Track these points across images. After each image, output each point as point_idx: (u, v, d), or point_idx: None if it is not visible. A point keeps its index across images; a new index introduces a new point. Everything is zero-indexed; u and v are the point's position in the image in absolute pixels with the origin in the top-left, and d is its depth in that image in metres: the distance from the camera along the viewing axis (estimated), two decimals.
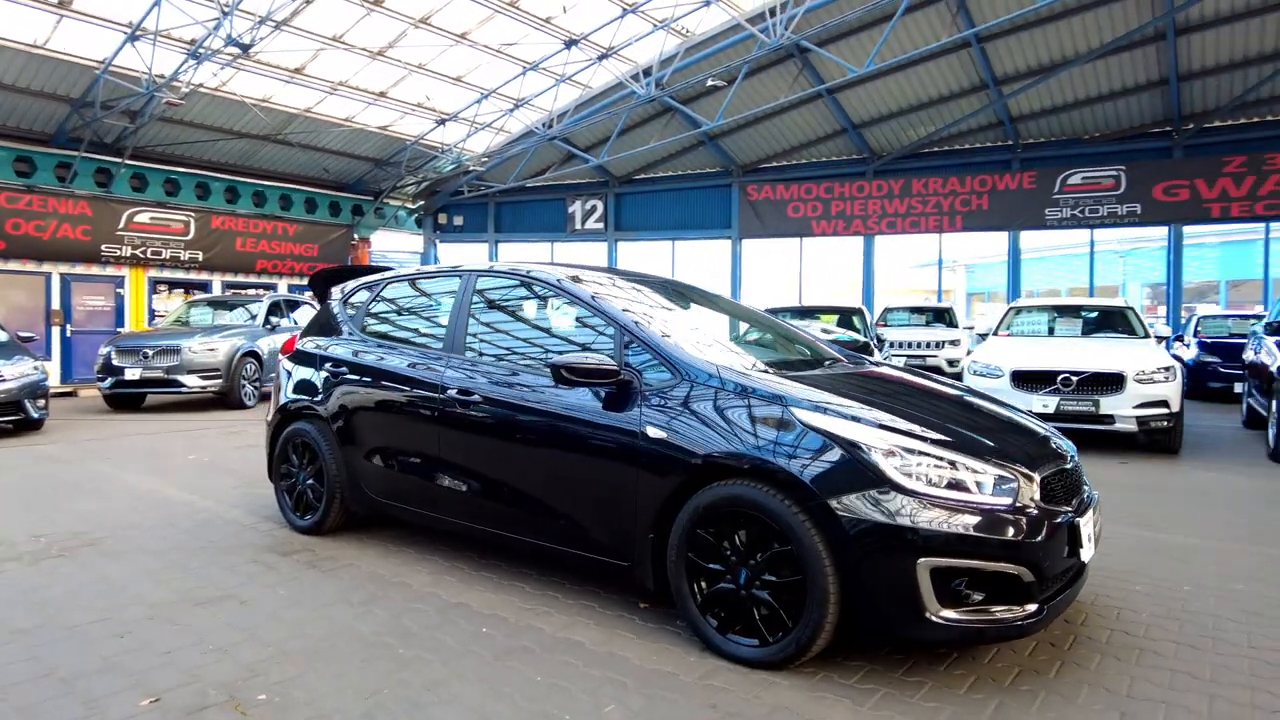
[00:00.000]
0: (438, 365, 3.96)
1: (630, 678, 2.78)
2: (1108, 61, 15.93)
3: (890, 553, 2.63)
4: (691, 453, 2.98)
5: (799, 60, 16.75)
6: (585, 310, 3.64)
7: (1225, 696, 2.69)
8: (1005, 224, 19.37)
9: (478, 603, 3.50)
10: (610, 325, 3.47)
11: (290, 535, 4.60)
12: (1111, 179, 18.23)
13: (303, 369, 4.71)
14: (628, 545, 3.20)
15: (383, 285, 4.68)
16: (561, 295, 3.77)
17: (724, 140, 20.16)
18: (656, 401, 3.15)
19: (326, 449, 4.43)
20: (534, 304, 4.03)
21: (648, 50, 16.33)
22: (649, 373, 3.24)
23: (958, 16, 14.95)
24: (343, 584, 3.75)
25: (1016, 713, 2.57)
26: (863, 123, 19.06)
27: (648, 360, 3.28)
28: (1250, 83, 15.90)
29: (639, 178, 21.98)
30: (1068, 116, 17.96)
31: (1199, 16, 14.53)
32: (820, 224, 20.67)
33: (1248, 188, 17.16)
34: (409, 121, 18.68)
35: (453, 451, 3.81)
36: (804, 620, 2.73)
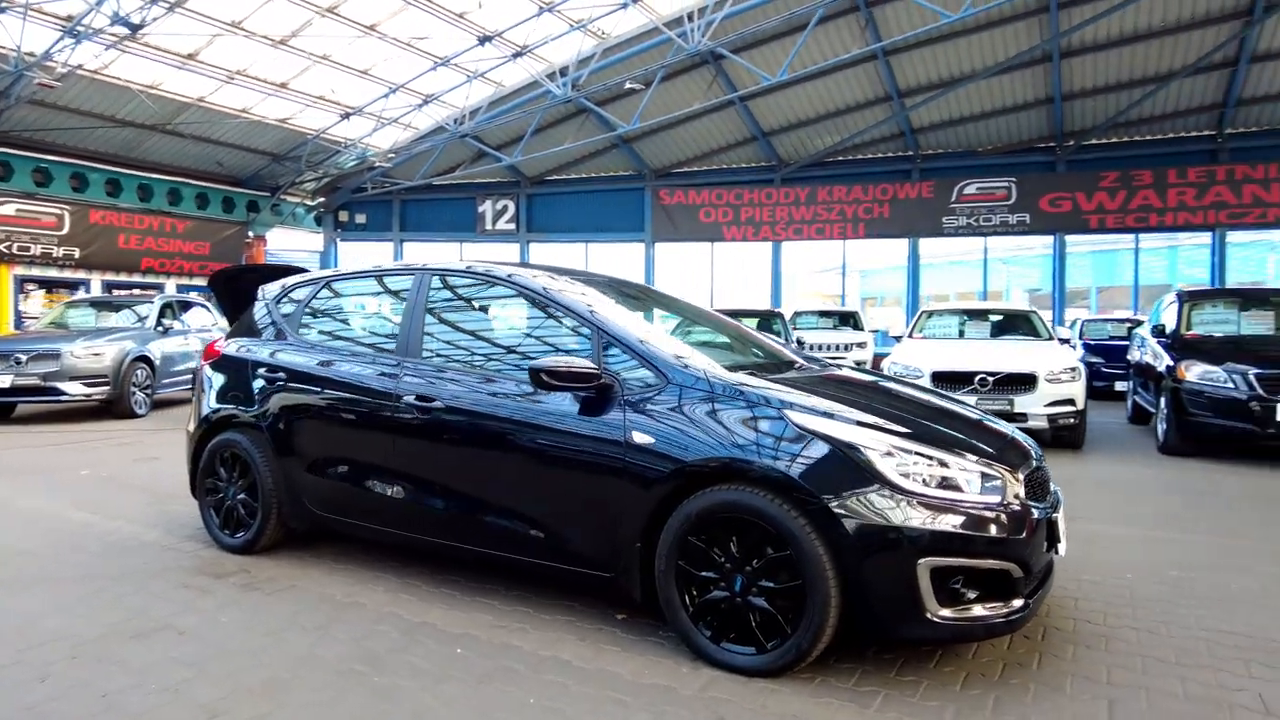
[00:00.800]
0: (391, 370, 3.72)
1: (628, 694, 2.67)
2: (1001, 79, 16.89)
3: (891, 554, 2.64)
4: (683, 458, 2.90)
5: (713, 67, 16.98)
6: (556, 311, 3.50)
7: (1194, 679, 2.82)
8: (906, 231, 20.25)
9: (444, 621, 3.31)
10: (585, 327, 3.34)
11: (219, 555, 4.24)
12: (1004, 190, 19.35)
13: (231, 375, 4.35)
14: (611, 555, 3.09)
15: (322, 284, 4.38)
16: (527, 295, 3.61)
17: (638, 144, 20.23)
18: (641, 406, 3.05)
19: (261, 461, 4.10)
20: (497, 305, 3.86)
21: (563, 50, 16.21)
22: (630, 376, 3.14)
23: (866, 30, 15.51)
24: (291, 607, 3.47)
25: (1013, 705, 2.62)
26: (772, 131, 19.52)
27: (628, 363, 3.18)
28: (1123, 105, 17.22)
29: (552, 179, 21.78)
30: (964, 129, 18.95)
31: (1081, 42, 15.61)
32: (731, 229, 21.04)
33: (1120, 201, 18.57)
34: (311, 114, 17.85)
35: (410, 463, 3.59)
36: (804, 626, 2.69)
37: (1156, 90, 16.58)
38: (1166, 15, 14.82)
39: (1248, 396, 7.26)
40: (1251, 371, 7.31)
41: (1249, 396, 7.26)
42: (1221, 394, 7.43)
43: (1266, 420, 7.14)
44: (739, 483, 2.83)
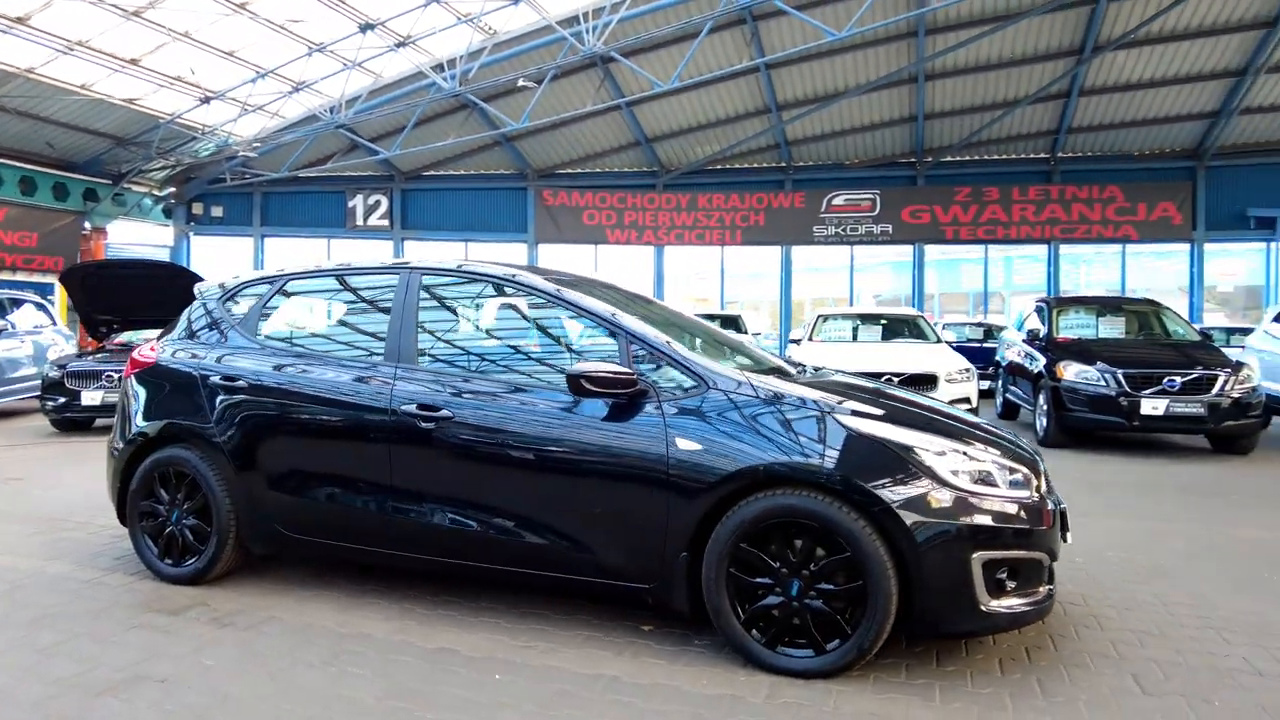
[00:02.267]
0: (384, 378, 3.43)
1: (700, 707, 2.60)
2: (871, 97, 17.94)
3: (949, 550, 2.72)
4: (735, 464, 2.86)
5: (601, 70, 16.97)
6: (572, 314, 3.36)
7: (1185, 649, 3.11)
8: (779, 239, 21.10)
9: (464, 646, 3.09)
10: (608, 331, 3.23)
11: (161, 588, 3.75)
12: (869, 201, 20.56)
13: (171, 385, 3.87)
14: (651, 566, 2.99)
15: (281, 283, 3.97)
16: (538, 298, 3.44)
17: (521, 142, 19.88)
18: (680, 411, 2.98)
19: (216, 480, 3.67)
20: (502, 308, 3.65)
21: (448, 44, 15.65)
22: (663, 381, 3.07)
23: (751, 44, 16.03)
24: (284, 642, 3.12)
25: (1057, 686, 2.78)
26: (656, 137, 19.76)
27: (659, 368, 3.10)
28: (975, 127, 18.75)
29: (429, 174, 20.98)
30: (834, 143, 19.99)
31: (943, 67, 16.85)
32: (615, 232, 21.11)
33: (972, 215, 20.22)
34: (165, 96, 16.25)
35: (412, 477, 3.33)
36: (866, 625, 2.73)
37: (1003, 115, 18.17)
38: (1015, 48, 16.29)
39: (1117, 393, 8.10)
40: (1120, 371, 8.16)
41: (1118, 393, 8.10)
42: (1095, 391, 8.25)
43: (1133, 414, 8.00)
44: (794, 487, 2.82)
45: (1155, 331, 9.79)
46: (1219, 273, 19.95)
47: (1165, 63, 16.46)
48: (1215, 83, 16.92)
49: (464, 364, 3.49)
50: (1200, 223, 19.07)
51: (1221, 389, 7.89)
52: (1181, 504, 5.81)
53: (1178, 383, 7.97)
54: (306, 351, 3.73)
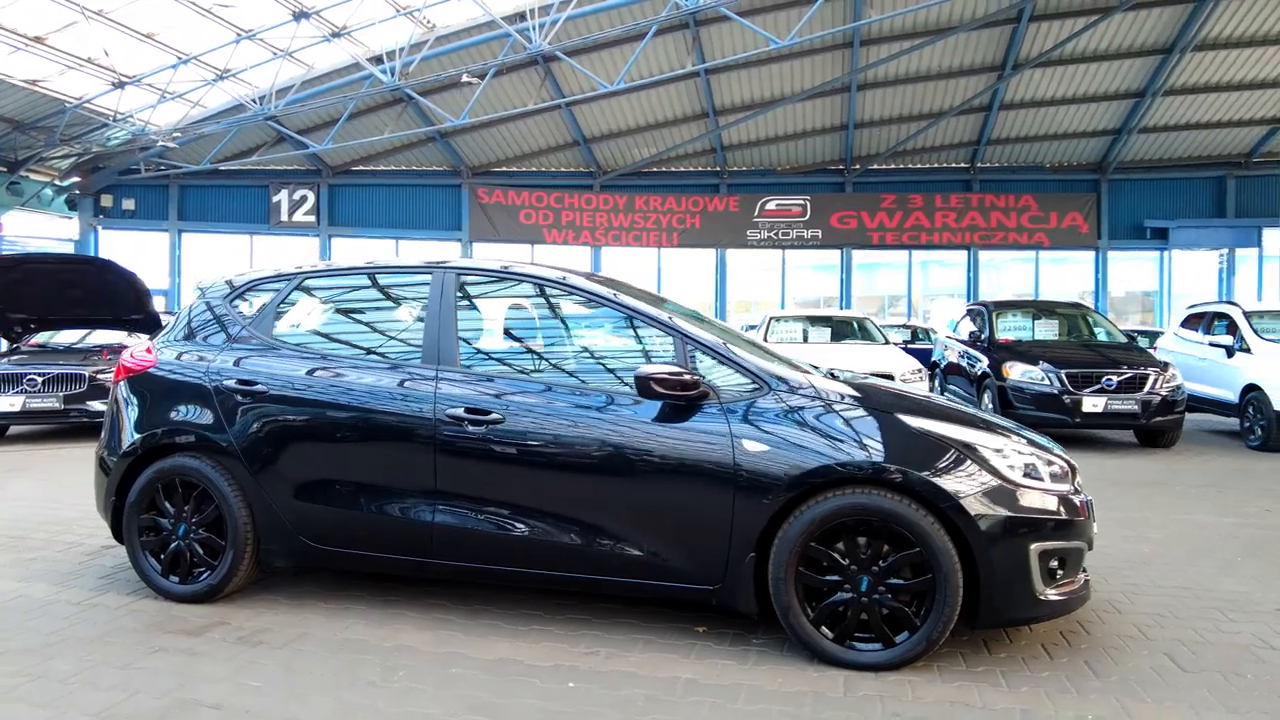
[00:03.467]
0: (426, 380, 3.31)
1: (788, 705, 2.62)
2: (805, 105, 18.41)
3: (1011, 543, 2.83)
4: (805, 465, 2.89)
5: (543, 69, 16.82)
6: (624, 316, 3.33)
7: (1199, 629, 3.32)
8: (714, 242, 21.40)
9: (523, 656, 3.01)
10: (664, 333, 3.22)
11: (168, 607, 3.50)
12: (800, 207, 21.09)
13: (174, 389, 3.62)
14: (716, 568, 2.99)
15: (297, 282, 3.77)
16: (589, 300, 3.39)
17: (456, 139, 19.49)
18: (745, 413, 3.00)
19: (231, 490, 3.45)
20: (547, 310, 3.56)
21: (385, 35, 15.20)
22: (723, 383, 3.08)
23: (693, 49, 16.20)
24: (326, 660, 2.97)
25: (1104, 666, 2.93)
26: (594, 137, 19.73)
27: (718, 369, 3.11)
28: (902, 136, 19.51)
29: (358, 169, 20.32)
30: (767, 149, 20.41)
31: (874, 78, 17.46)
32: (552, 232, 20.96)
33: (897, 221, 21.02)
34: (73, 78, 15.16)
35: (459, 483, 3.22)
36: (934, 617, 2.81)
37: (929, 126, 18.97)
38: (942, 63, 17.03)
39: (1060, 391, 8.58)
40: (1063, 371, 8.64)
41: (1061, 391, 8.57)
42: (1039, 390, 8.71)
43: (1075, 411, 8.48)
44: (864, 486, 2.88)
45: (1085, 334, 10.42)
46: (1116, 278, 21.40)
47: (1075, 82, 17.52)
48: (1118, 103, 18.14)
49: (510, 366, 3.41)
50: (1104, 232, 20.40)
51: (1152, 387, 8.47)
52: (1133, 496, 6.19)
53: (1114, 382, 8.51)
54: (331, 354, 3.55)
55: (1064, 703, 2.66)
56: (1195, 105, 18.05)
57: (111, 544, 4.52)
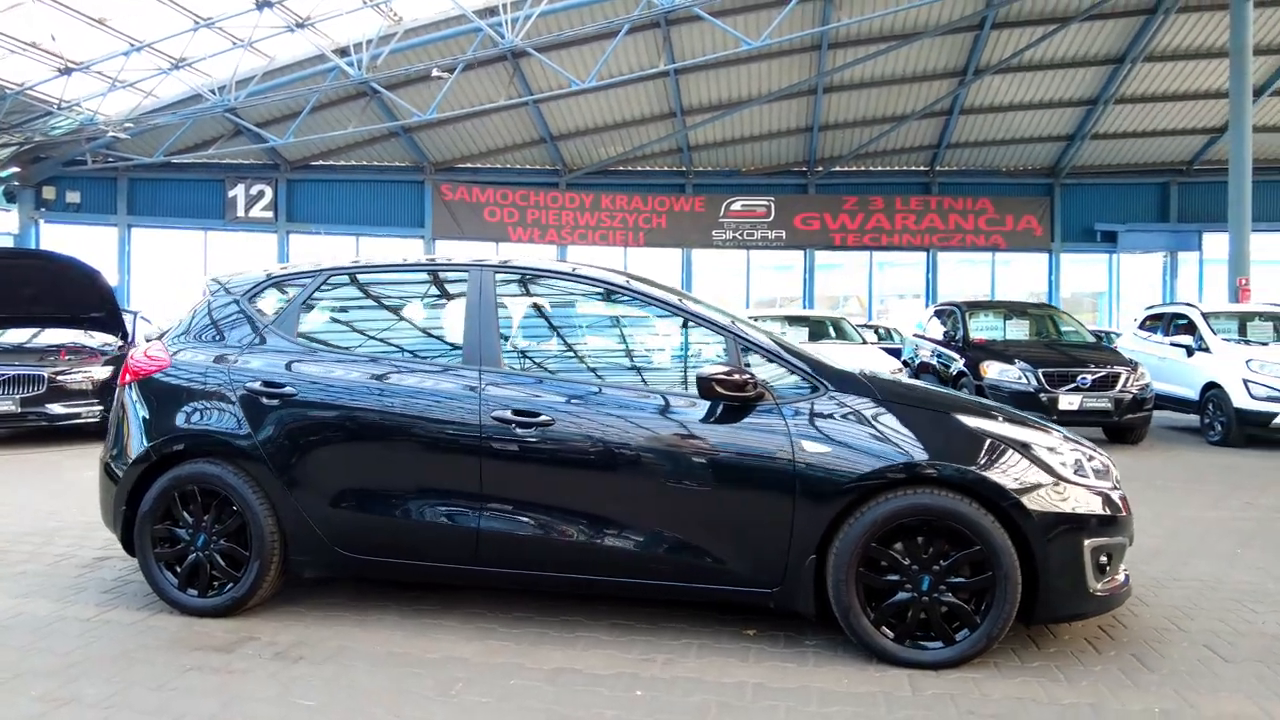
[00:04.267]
0: (470, 382, 3.21)
1: (860, 707, 2.60)
2: (772, 106, 18.57)
3: (1067, 539, 2.88)
4: (867, 466, 2.88)
5: (511, 64, 16.63)
6: (672, 316, 3.28)
7: (1225, 618, 3.41)
8: (680, 242, 21.46)
9: (581, 664, 2.93)
10: (716, 333, 3.18)
11: (188, 623, 3.31)
12: (764, 208, 21.28)
13: (193, 392, 3.45)
14: (776, 571, 2.97)
15: (322, 279, 3.62)
16: (634, 299, 3.33)
17: (419, 134, 19.15)
18: (806, 415, 2.98)
19: (257, 498, 3.30)
20: (591, 309, 3.49)
21: (349, 27, 14.84)
22: (779, 384, 3.06)
23: (664, 48, 16.20)
24: (376, 675, 2.84)
25: (1154, 658, 2.99)
26: (561, 135, 19.60)
27: (774, 371, 3.09)
28: (865, 139, 19.83)
29: (317, 164, 19.81)
30: (733, 150, 20.54)
31: (840, 81, 17.70)
32: (517, 230, 20.75)
33: (859, 222, 21.36)
34: (15, 63, 14.43)
35: (508, 488, 3.12)
36: (994, 614, 2.83)
37: (891, 129, 19.32)
38: (907, 67, 17.35)
39: (1036, 389, 8.80)
40: (1040, 370, 8.87)
41: (1038, 389, 8.80)
42: (1017, 388, 8.92)
43: (1052, 409, 8.70)
44: (926, 486, 2.89)
45: (1054, 334, 10.71)
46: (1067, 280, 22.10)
47: (1033, 88, 18.04)
48: (1072, 110, 18.74)
49: (555, 367, 3.33)
50: (1057, 235, 21.04)
51: (1124, 385, 8.75)
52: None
53: (1089, 380, 8.76)
54: (364, 354, 3.42)
55: (1126, 696, 2.70)
56: (1143, 114, 18.75)
57: (106, 555, 4.31)
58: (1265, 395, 8.88)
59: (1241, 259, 12.75)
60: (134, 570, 4.00)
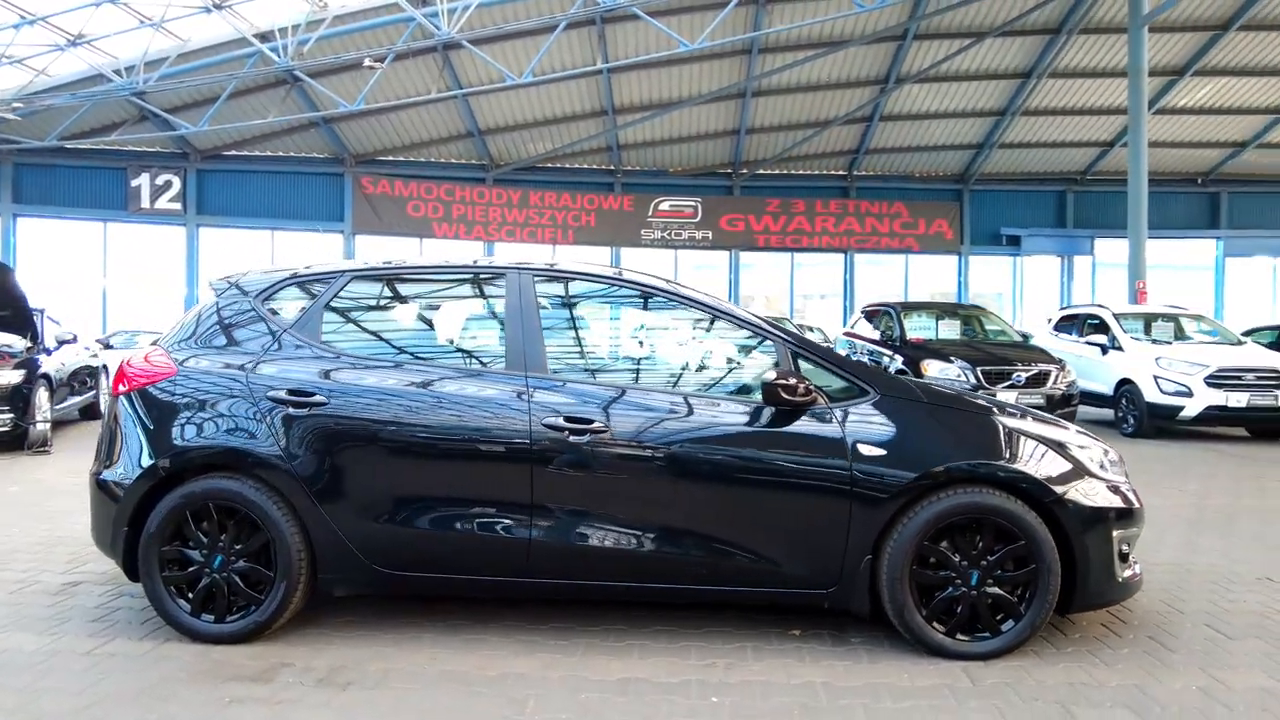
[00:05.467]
0: (516, 388, 3.13)
1: (931, 700, 2.69)
2: (702, 108, 18.79)
3: (1100, 531, 3.05)
4: (922, 467, 2.98)
5: (441, 56, 16.22)
6: (716, 320, 3.29)
7: (1224, 600, 3.67)
8: (609, 241, 21.44)
9: (645, 673, 2.89)
10: (764, 339, 3.22)
11: (205, 651, 3.07)
12: (691, 209, 21.53)
13: (204, 401, 3.22)
14: (833, 571, 3.03)
15: (345, 281, 3.44)
16: (681, 304, 3.32)
17: (340, 125, 18.42)
18: (859, 418, 3.05)
19: (283, 515, 3.10)
20: (635, 314, 3.45)
21: (270, 11, 14.14)
22: (830, 389, 3.12)
23: (598, 46, 16.15)
24: (438, 697, 2.72)
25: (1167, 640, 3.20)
26: (489, 129, 19.26)
27: (823, 375, 3.15)
28: (789, 143, 20.34)
29: (231, 154, 18.76)
30: (661, 150, 20.69)
31: (768, 85, 18.09)
32: (442, 226, 20.27)
33: (781, 224, 21.90)
34: None
35: (559, 497, 3.06)
36: (1037, 605, 2.98)
37: (814, 134, 19.89)
38: (832, 74, 17.90)
39: (974, 387, 9.26)
40: (978, 368, 9.35)
41: (975, 387, 9.26)
42: (956, 386, 9.37)
43: None
44: (975, 485, 3.00)
45: (983, 333, 11.29)
46: (975, 281, 23.31)
47: (947, 98, 18.93)
48: (982, 120, 19.77)
49: (603, 373, 3.28)
50: (966, 238, 22.16)
51: (1054, 382, 9.33)
52: None
53: (1023, 378, 9.30)
54: (396, 360, 3.29)
55: (1164, 676, 2.89)
56: (1045, 125, 19.97)
57: (76, 579, 3.98)
58: (1173, 390, 9.64)
59: (1139, 264, 13.77)
60: (117, 595, 3.73)
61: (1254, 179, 21.65)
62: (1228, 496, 6.33)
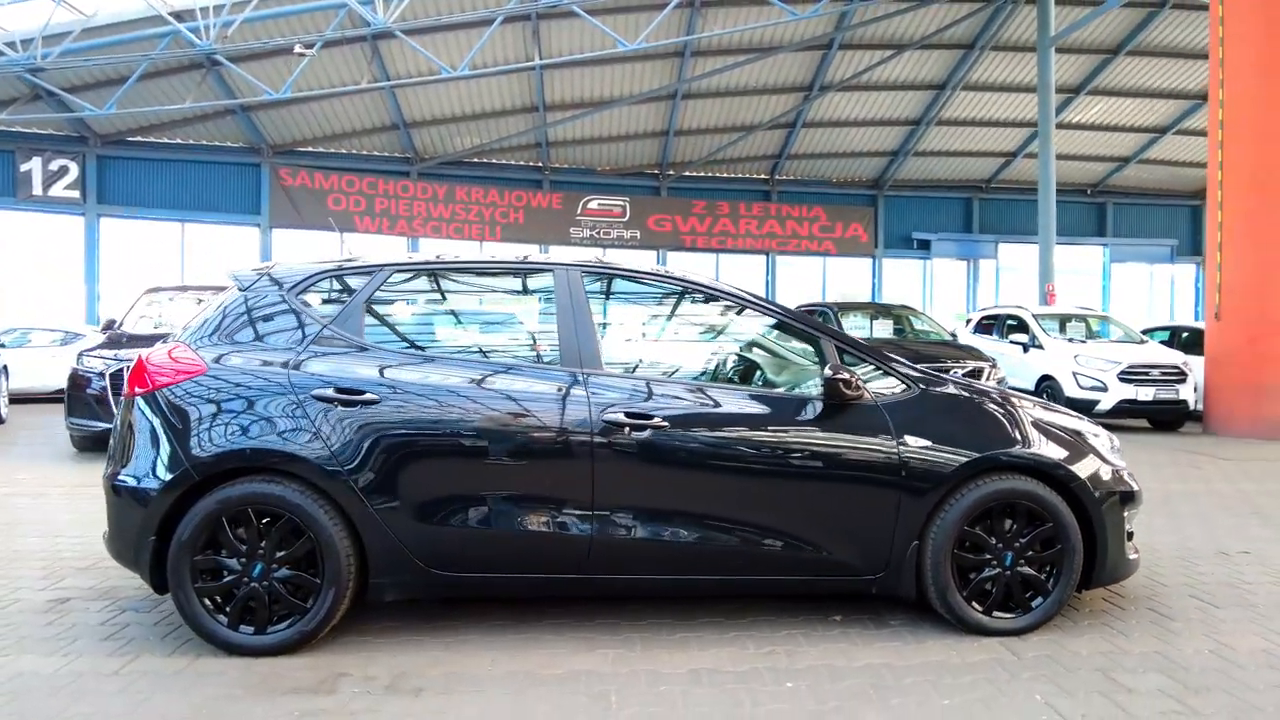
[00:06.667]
0: (574, 385, 3.12)
1: (987, 675, 2.85)
2: (632, 108, 18.90)
3: (1115, 513, 3.30)
4: (965, 457, 3.15)
5: (370, 46, 15.72)
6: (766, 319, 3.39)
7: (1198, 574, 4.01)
8: (538, 238, 21.26)
9: (709, 663, 2.95)
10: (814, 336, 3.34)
11: (247, 665, 2.90)
12: (620, 208, 21.63)
13: (240, 399, 3.08)
14: (881, 558, 3.17)
15: (385, 276, 3.33)
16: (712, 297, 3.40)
17: (258, 113, 17.57)
18: (905, 412, 3.21)
19: (329, 519, 3.00)
20: (685, 311, 3.49)
21: None
22: (878, 385, 3.27)
23: (530, 41, 16.02)
24: (523, 700, 2.65)
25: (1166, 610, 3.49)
26: (415, 122, 18.79)
27: (870, 371, 3.29)
28: (715, 146, 20.72)
29: (135, 140, 17.57)
30: (591, 148, 20.69)
31: (698, 89, 18.38)
32: (364, 220, 19.65)
33: (707, 225, 22.28)
34: None
35: (621, 493, 3.06)
36: (1063, 582, 3.21)
37: (740, 138, 20.34)
38: (760, 79, 18.34)
39: None
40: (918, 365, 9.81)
41: None
42: None
43: None
44: (1010, 473, 3.21)
45: (914, 332, 11.85)
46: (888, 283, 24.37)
47: (867, 106, 19.72)
48: (898, 128, 20.69)
49: (656, 369, 3.32)
50: (880, 241, 23.13)
51: (986, 379, 9.88)
52: None
53: (960, 375, 9.81)
54: (448, 357, 3.23)
55: (1177, 642, 3.17)
56: (955, 135, 21.07)
57: (62, 595, 3.72)
58: (1090, 385, 10.42)
59: (1049, 268, 14.76)
60: (118, 611, 3.51)
61: (1135, 192, 23.52)
62: (1156, 481, 6.88)
